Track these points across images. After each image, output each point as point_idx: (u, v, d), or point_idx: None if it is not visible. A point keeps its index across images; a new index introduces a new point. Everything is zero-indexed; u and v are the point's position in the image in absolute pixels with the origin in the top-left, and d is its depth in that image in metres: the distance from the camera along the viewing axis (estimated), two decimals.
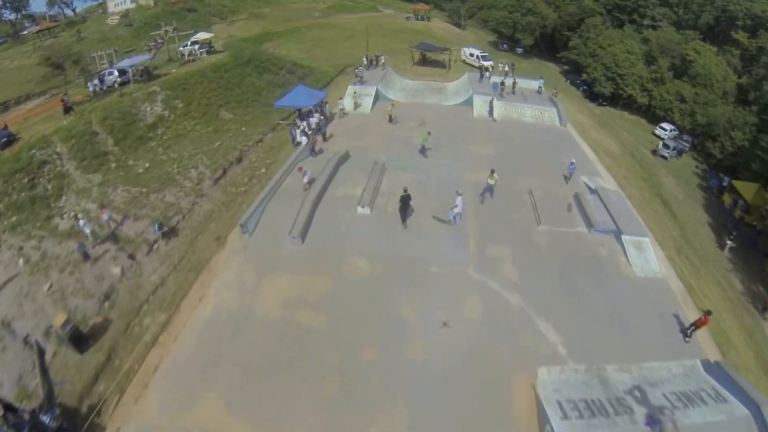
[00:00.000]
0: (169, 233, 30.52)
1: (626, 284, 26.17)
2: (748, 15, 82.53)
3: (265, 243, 28.77)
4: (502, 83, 57.11)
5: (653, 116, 74.62)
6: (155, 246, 29.08)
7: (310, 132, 41.73)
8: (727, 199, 56.21)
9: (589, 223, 30.36)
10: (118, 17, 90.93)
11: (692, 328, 22.59)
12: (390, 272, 26.66)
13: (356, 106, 51.20)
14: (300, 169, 32.51)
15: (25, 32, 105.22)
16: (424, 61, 75.69)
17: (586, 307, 24.25)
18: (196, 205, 34.25)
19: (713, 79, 71.09)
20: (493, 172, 32.11)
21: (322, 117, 44.34)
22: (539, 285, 25.61)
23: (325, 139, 42.69)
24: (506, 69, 65.74)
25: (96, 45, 69.51)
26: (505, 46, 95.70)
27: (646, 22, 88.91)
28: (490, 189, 32.79)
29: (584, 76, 79.76)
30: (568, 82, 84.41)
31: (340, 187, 34.08)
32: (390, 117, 47.22)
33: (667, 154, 61.67)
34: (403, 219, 30.08)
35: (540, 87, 59.93)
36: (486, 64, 72.39)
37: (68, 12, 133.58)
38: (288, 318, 23.28)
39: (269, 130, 45.50)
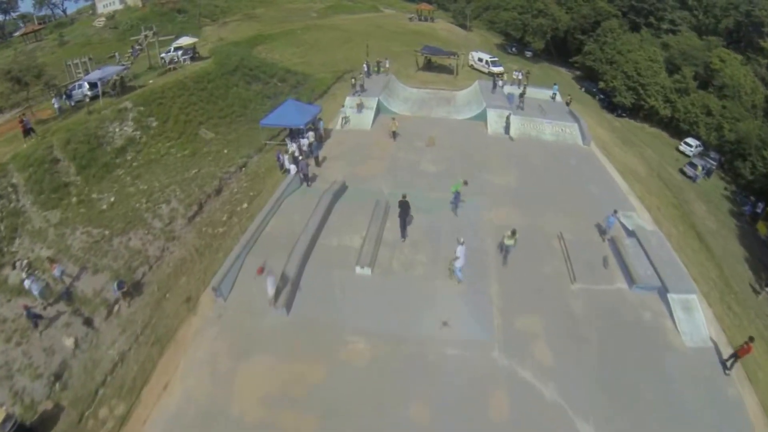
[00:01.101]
0: (132, 291, 25.55)
1: (675, 359, 22.16)
2: None
3: (243, 311, 23.82)
4: (521, 96, 51.80)
5: (676, 129, 68.95)
6: (116, 308, 24.51)
7: (300, 156, 36.15)
8: (762, 228, 50.06)
9: (630, 278, 25.95)
10: (104, 19, 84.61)
11: (733, 359, 21.17)
12: (396, 357, 21.64)
13: (355, 120, 45.79)
14: (260, 270, 25.20)
15: (16, 34, 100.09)
16: (430, 66, 69.87)
17: (632, 399, 20.19)
18: (166, 251, 29.02)
19: (742, 90, 65.25)
20: (514, 233, 26.20)
21: (315, 137, 39.02)
22: (577, 370, 21.38)
23: (318, 164, 37.32)
24: (519, 77, 59.73)
25: (79, 50, 63.75)
26: (513, 49, 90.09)
27: (665, 26, 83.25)
28: (507, 250, 27.10)
29: (601, 84, 73.89)
30: (583, 89, 78.64)
31: (335, 235, 28.73)
32: (393, 133, 42.46)
33: (694, 175, 55.56)
34: (403, 229, 28.38)
35: (554, 94, 55.21)
36: (496, 70, 67.27)
37: (60, 13, 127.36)
38: (269, 420, 18.92)
39: (255, 151, 39.91)
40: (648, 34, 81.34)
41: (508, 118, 44.99)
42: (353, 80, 50.81)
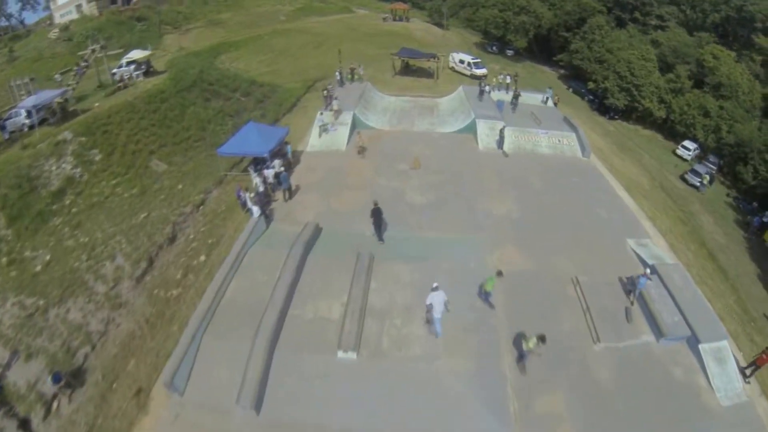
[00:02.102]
0: (73, 382, 20.78)
1: (712, 426, 19.32)
2: None
3: (204, 409, 19.00)
4: (514, 100, 49.15)
5: (670, 131, 64.97)
6: (55, 404, 20.06)
7: (265, 187, 31.31)
8: None
9: (656, 328, 22.85)
10: (57, 31, 77.87)
11: (753, 367, 21.24)
12: None
13: (327, 140, 40.79)
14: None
15: None
16: (407, 70, 65.16)
17: None
18: (111, 324, 24.06)
19: (739, 90, 61.29)
20: (542, 339, 19.78)
21: (283, 166, 33.97)
22: None
23: (288, 197, 32.12)
24: (507, 80, 55.03)
25: (29, 67, 58.11)
26: (494, 48, 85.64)
27: (652, 21, 79.26)
28: (524, 355, 21.41)
29: (590, 84, 69.46)
30: (571, 90, 74.30)
31: (309, 303, 23.55)
32: (360, 148, 38.31)
33: (698, 183, 51.40)
34: (379, 235, 27.40)
35: (547, 98, 51.86)
36: (479, 72, 63.43)
37: (18, 24, 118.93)
38: None
39: (214, 184, 34.72)
40: (635, 31, 77.29)
41: (502, 131, 40.43)
42: (325, 91, 45.39)
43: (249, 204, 28.77)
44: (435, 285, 20.94)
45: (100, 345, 23.06)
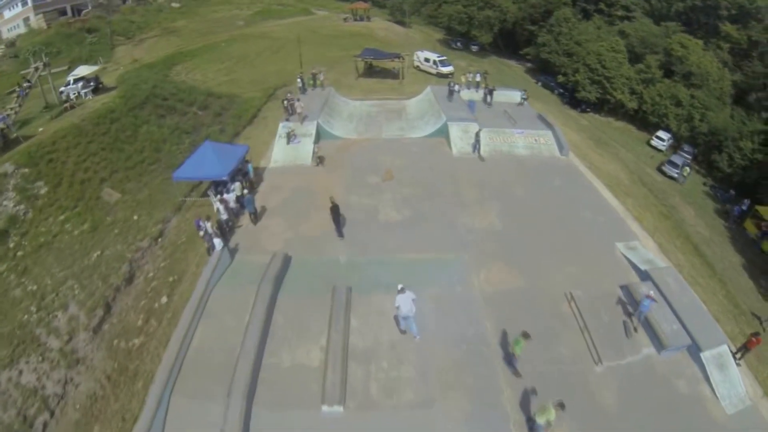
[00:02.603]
0: None
1: None
2: (732, 4, 71.80)
3: None
4: (489, 97, 48.62)
5: (643, 122, 63.96)
6: None
7: (228, 214, 28.55)
8: (750, 227, 45.71)
9: (656, 340, 21.84)
10: (3, 47, 73.50)
11: (743, 350, 22.03)
12: None
13: (291, 154, 38.24)
14: None
15: None
16: (371, 72, 63.17)
17: None
18: (69, 384, 21.58)
19: (710, 78, 60.36)
20: (562, 405, 17.11)
21: (245, 188, 31.58)
22: None
23: (254, 221, 29.57)
24: (477, 78, 53.00)
25: None
26: (458, 44, 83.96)
27: (618, 12, 77.86)
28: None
29: (560, 78, 67.98)
30: (540, 84, 72.73)
31: (285, 348, 21.19)
32: (319, 159, 36.85)
33: (675, 175, 50.18)
34: (339, 231, 27.62)
35: (523, 99, 49.66)
36: (445, 70, 61.82)
37: None
38: None
39: (173, 211, 32.05)
40: (601, 22, 76.23)
41: (478, 134, 38.46)
42: (285, 101, 42.68)
43: (210, 234, 25.98)
44: (400, 287, 20.11)
45: (60, 411, 20.59)
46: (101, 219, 30.59)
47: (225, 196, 29.24)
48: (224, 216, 28.16)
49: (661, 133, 59.57)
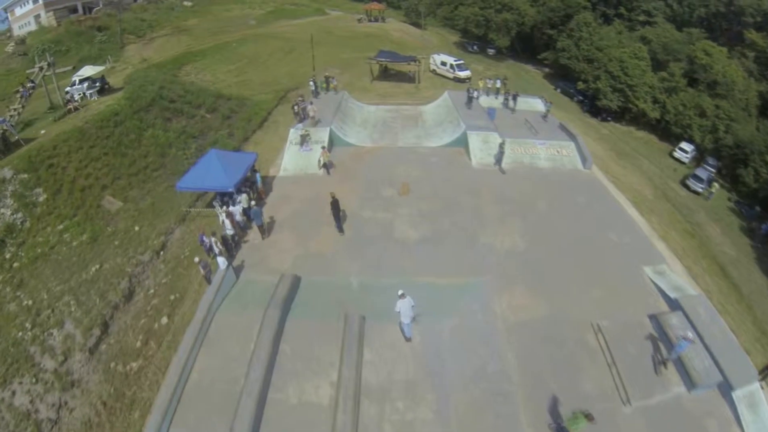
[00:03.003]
0: None
1: None
2: (758, 11, 69.37)
3: None
4: (512, 102, 47.17)
5: (665, 132, 61.38)
6: None
7: (234, 228, 26.74)
8: None
9: (687, 377, 20.28)
10: (13, 44, 72.13)
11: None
12: None
13: (301, 162, 36.61)
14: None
15: None
16: (386, 75, 61.37)
17: None
18: (64, 409, 20.07)
19: (735, 88, 57.96)
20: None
21: (252, 199, 29.87)
22: None
23: (262, 235, 28.31)
24: (497, 85, 51.04)
25: None
26: (474, 47, 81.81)
27: (640, 17, 75.46)
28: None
29: (580, 85, 65.66)
30: (559, 90, 70.35)
31: (292, 382, 19.47)
32: (324, 165, 35.31)
33: (700, 189, 47.87)
34: (339, 226, 27.81)
35: (547, 111, 46.71)
36: (462, 74, 59.92)
37: None
38: None
39: (176, 222, 30.36)
40: (622, 27, 73.78)
41: (502, 146, 36.39)
42: (295, 106, 41.26)
43: (215, 250, 24.25)
44: (401, 293, 20.01)
45: None
46: (101, 229, 28.99)
47: (231, 208, 27.51)
48: (230, 231, 26.46)
49: (684, 145, 57.03)
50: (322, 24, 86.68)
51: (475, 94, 46.47)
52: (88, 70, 44.38)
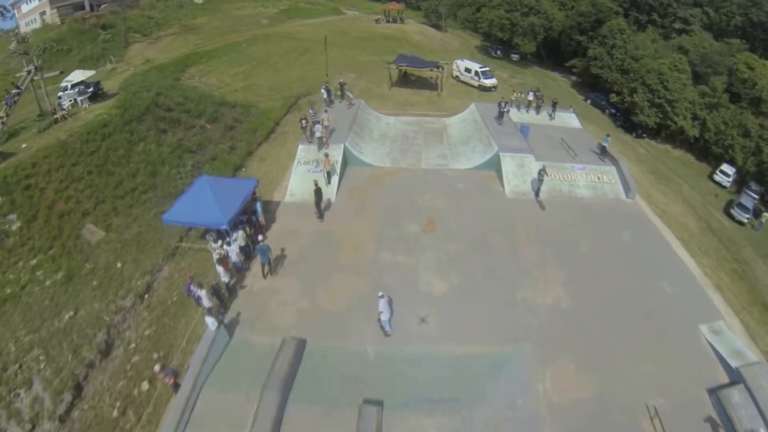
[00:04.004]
0: None
1: None
2: None
3: None
4: (551, 113, 43.17)
5: (702, 151, 56.51)
6: None
7: (227, 279, 22.56)
8: None
9: None
10: (15, 43, 68.97)
11: None
12: None
13: (311, 184, 30.96)
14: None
15: None
16: (406, 80, 56.95)
17: None
18: None
19: None
20: None
21: (251, 231, 26.04)
22: None
23: (264, 274, 24.38)
24: (529, 97, 46.43)
25: None
26: (498, 52, 77.30)
27: (676, 25, 70.46)
28: None
29: (613, 97, 60.73)
30: (589, 102, 65.36)
31: None
32: (327, 174, 31.86)
33: (746, 220, 43.54)
34: (320, 213, 27.70)
35: (606, 145, 38.61)
36: (488, 82, 55.59)
37: None
38: None
39: (165, 258, 26.31)
40: (655, 34, 68.91)
41: (542, 172, 31.92)
42: (303, 120, 36.66)
43: (204, 304, 20.02)
44: (381, 294, 20.32)
45: None
46: (79, 266, 24.88)
47: (225, 249, 23.11)
48: (224, 278, 22.12)
49: (725, 167, 52.03)
50: (338, 24, 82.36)
51: (506, 107, 41.64)
52: (77, 75, 40.21)
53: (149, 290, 24.57)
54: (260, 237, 24.62)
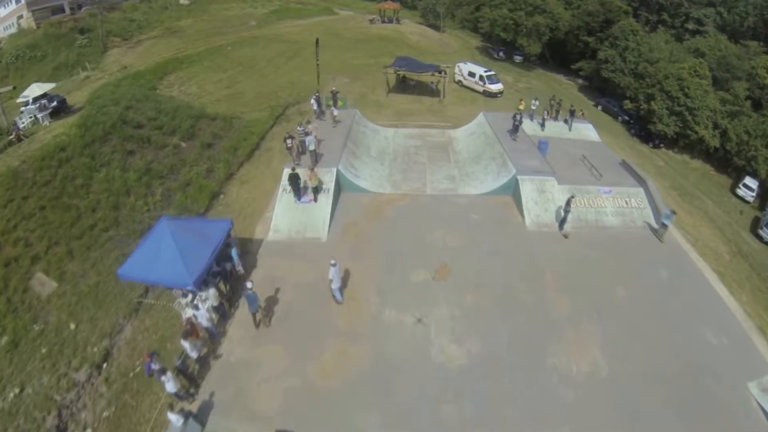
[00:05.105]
0: None
1: None
2: None
3: None
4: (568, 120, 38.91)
5: (722, 162, 52.68)
6: None
7: (196, 354, 18.26)
8: None
9: None
10: None
11: None
12: None
13: (298, 220, 27.63)
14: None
15: None
16: (404, 85, 52.69)
17: None
18: None
19: None
20: None
21: (225, 287, 21.62)
22: None
23: (256, 324, 19.83)
24: (532, 106, 42.19)
25: None
26: (500, 54, 72.95)
27: (690, 26, 66.24)
28: None
29: (627, 104, 56.41)
30: (600, 108, 60.98)
31: None
32: (313, 191, 28.34)
33: None
34: (299, 196, 26.99)
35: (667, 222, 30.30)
36: (494, 88, 51.82)
37: None
38: None
39: (126, 315, 21.89)
40: (667, 35, 64.79)
41: (570, 202, 27.40)
42: (288, 139, 31.39)
43: (168, 389, 15.76)
44: (333, 262, 20.18)
45: None
46: (26, 327, 20.43)
47: (194, 314, 18.66)
48: (193, 353, 17.65)
49: (748, 181, 48.20)
50: (331, 25, 77.83)
51: (521, 119, 37.03)
52: (34, 89, 35.57)
53: (108, 358, 20.18)
54: (248, 284, 20.23)
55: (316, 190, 27.97)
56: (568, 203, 27.18)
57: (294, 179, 26.10)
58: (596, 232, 28.57)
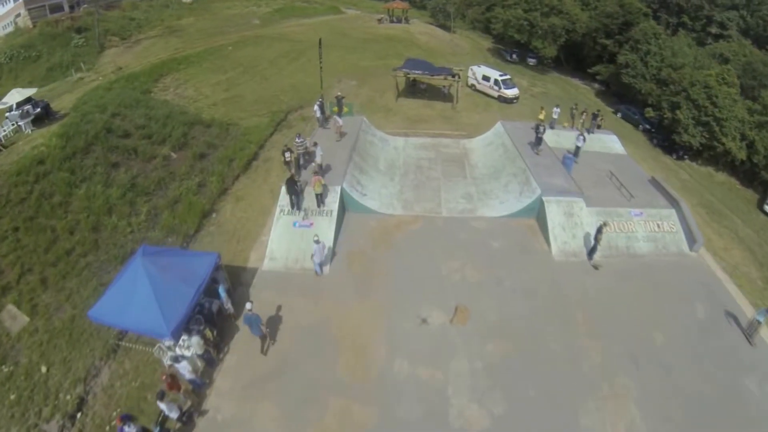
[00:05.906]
0: None
1: None
2: None
3: None
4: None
5: (746, 175, 49.22)
6: None
7: (177, 413, 15.73)
8: None
9: None
10: None
11: None
12: None
13: (294, 249, 24.71)
14: None
15: None
16: (414, 89, 49.78)
17: None
18: None
19: None
20: None
21: (211, 334, 18.89)
22: None
23: (264, 349, 17.66)
24: (554, 115, 39.15)
25: None
26: (514, 56, 69.93)
27: (713, 29, 63.11)
28: None
29: (648, 112, 53.29)
30: (619, 115, 57.85)
31: None
32: (318, 197, 26.21)
33: None
34: (298, 204, 25.30)
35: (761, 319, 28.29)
36: (509, 93, 49.03)
37: None
38: None
39: (103, 356, 19.59)
40: (689, 39, 61.76)
41: (601, 230, 24.55)
42: (286, 152, 28.52)
43: None
44: (316, 238, 21.24)
45: None
46: None
47: (176, 366, 15.93)
48: (173, 413, 14.94)
49: None
50: (337, 24, 75.23)
51: (543, 130, 33.92)
52: (14, 95, 32.81)
53: (82, 406, 17.58)
54: (248, 305, 18.21)
55: (320, 198, 25.39)
56: (599, 231, 24.24)
57: (291, 185, 23.96)
58: (627, 260, 25.84)
